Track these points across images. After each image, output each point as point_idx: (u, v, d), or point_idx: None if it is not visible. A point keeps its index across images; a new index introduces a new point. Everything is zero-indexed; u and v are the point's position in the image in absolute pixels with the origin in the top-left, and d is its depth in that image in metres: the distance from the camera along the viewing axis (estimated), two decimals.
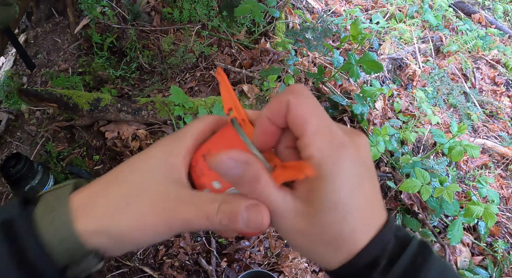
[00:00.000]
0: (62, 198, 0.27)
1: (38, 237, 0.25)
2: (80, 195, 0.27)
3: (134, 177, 0.27)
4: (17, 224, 0.25)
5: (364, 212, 0.26)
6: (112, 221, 0.26)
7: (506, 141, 2.04)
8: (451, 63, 2.37)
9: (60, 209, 0.26)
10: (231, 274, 1.20)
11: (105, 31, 1.74)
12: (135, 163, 0.28)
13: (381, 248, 0.27)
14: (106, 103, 1.36)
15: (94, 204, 0.27)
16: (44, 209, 0.26)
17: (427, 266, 0.26)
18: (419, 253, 0.27)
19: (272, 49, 1.78)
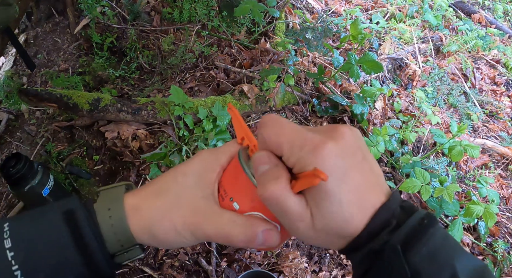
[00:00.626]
0: (118, 198, 0.33)
1: (96, 226, 0.31)
2: (133, 198, 0.33)
3: (176, 189, 0.33)
4: (78, 213, 0.30)
5: (357, 197, 0.29)
6: (154, 224, 0.32)
7: (506, 141, 2.04)
8: (451, 63, 2.37)
9: (118, 207, 0.32)
10: (231, 274, 1.20)
11: (105, 31, 1.74)
12: (178, 176, 0.34)
13: (387, 216, 0.29)
14: (106, 103, 1.36)
15: (143, 208, 0.33)
16: (102, 204, 0.32)
17: (432, 229, 0.28)
18: (426, 218, 0.29)
19: (272, 49, 1.78)
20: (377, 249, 0.28)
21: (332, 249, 0.32)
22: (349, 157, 0.29)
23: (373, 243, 0.29)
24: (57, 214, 0.30)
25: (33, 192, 1.07)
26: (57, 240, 0.29)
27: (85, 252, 0.29)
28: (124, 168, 1.38)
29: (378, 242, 0.28)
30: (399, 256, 0.27)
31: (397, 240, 0.28)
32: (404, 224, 0.28)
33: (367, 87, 1.70)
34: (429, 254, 0.27)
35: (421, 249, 0.27)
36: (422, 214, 0.29)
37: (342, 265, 1.31)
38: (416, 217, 0.29)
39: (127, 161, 1.38)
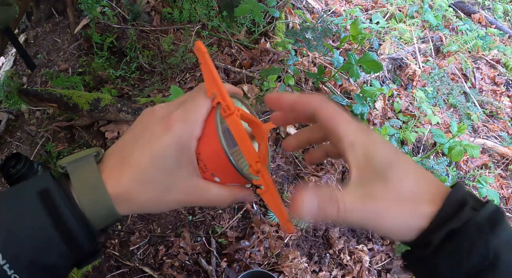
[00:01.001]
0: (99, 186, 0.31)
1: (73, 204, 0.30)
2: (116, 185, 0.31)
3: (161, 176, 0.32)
4: (53, 192, 0.29)
5: (422, 170, 0.30)
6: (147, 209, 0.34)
7: (506, 141, 2.04)
8: (451, 63, 2.37)
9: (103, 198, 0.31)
10: (231, 274, 1.20)
11: (105, 31, 1.74)
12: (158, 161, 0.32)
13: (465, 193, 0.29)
14: (106, 103, 1.36)
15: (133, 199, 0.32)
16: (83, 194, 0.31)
17: (506, 217, 0.28)
18: (499, 207, 0.28)
19: (272, 49, 1.78)
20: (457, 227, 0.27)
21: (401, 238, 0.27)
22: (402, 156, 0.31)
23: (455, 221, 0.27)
24: (32, 195, 0.29)
25: None
26: (35, 222, 0.29)
27: (64, 230, 0.29)
28: None
29: (460, 221, 0.27)
30: (484, 234, 0.27)
31: (481, 219, 0.27)
32: (485, 206, 0.28)
33: (367, 87, 1.70)
34: (508, 240, 0.27)
35: (501, 234, 0.27)
36: (494, 204, 0.29)
37: (342, 265, 1.31)
38: (492, 204, 0.28)
39: None
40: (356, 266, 1.31)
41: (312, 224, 1.39)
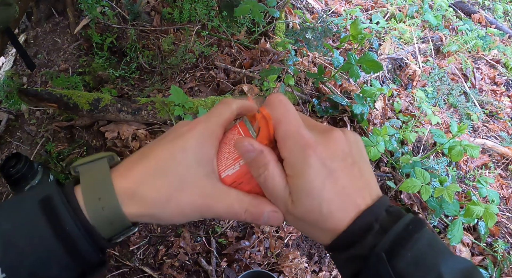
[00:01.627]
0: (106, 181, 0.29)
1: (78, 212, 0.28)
2: (124, 180, 0.30)
3: (177, 169, 0.30)
4: (55, 200, 0.28)
5: (340, 197, 0.30)
6: (157, 210, 0.30)
7: (506, 141, 2.04)
8: (451, 63, 2.37)
9: (109, 196, 0.29)
10: (231, 274, 1.20)
11: (105, 31, 1.74)
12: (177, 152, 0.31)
13: (372, 219, 0.30)
14: (106, 103, 1.36)
15: (140, 194, 0.30)
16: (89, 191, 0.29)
17: (418, 234, 0.29)
18: (411, 224, 0.30)
19: (272, 49, 1.78)
20: (363, 254, 0.29)
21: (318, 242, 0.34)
22: (338, 161, 0.31)
23: (359, 247, 0.29)
24: (34, 203, 0.28)
25: None
26: (35, 231, 0.27)
27: (66, 241, 0.27)
28: None
29: (364, 247, 0.29)
30: (384, 263, 0.28)
31: (382, 247, 0.28)
32: (390, 230, 0.29)
33: (367, 87, 1.70)
34: (414, 259, 0.28)
35: (406, 255, 0.28)
36: (408, 219, 0.30)
37: None
38: (401, 222, 0.29)
39: None
40: None
41: None
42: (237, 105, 0.35)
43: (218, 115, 0.34)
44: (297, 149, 0.30)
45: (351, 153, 0.32)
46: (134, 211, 0.30)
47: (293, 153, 0.30)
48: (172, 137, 0.32)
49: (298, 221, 0.32)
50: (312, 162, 0.29)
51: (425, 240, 0.29)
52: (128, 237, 1.25)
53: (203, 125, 0.32)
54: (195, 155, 0.31)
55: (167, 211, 0.30)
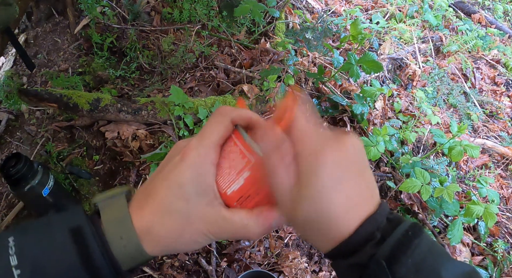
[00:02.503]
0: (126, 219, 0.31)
1: (104, 244, 0.30)
2: (140, 219, 0.31)
3: (180, 206, 0.31)
4: (85, 231, 0.29)
5: (347, 202, 0.30)
6: (172, 245, 0.32)
7: (506, 141, 2.04)
8: (451, 63, 2.37)
9: (130, 234, 0.31)
10: (231, 274, 1.20)
11: (105, 31, 1.74)
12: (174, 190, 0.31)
13: (374, 227, 0.30)
14: (106, 103, 1.36)
15: (156, 231, 0.31)
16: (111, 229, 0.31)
17: (417, 240, 0.29)
18: (410, 230, 0.30)
19: (272, 49, 1.78)
20: (363, 262, 0.29)
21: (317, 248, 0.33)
22: (347, 168, 0.31)
23: (359, 256, 0.29)
24: (64, 231, 0.29)
25: (33, 192, 1.07)
26: (65, 259, 0.28)
27: (93, 271, 0.29)
28: (124, 168, 1.38)
29: (364, 256, 0.29)
30: (385, 270, 0.28)
31: (382, 254, 0.28)
32: (389, 237, 0.29)
33: (367, 87, 1.70)
34: (415, 265, 0.28)
35: (407, 261, 0.28)
36: (407, 225, 0.30)
37: None
38: (400, 229, 0.29)
39: (127, 161, 1.38)
40: None
41: None
42: (230, 118, 0.33)
43: (210, 135, 0.32)
44: (314, 146, 0.30)
45: (359, 161, 0.32)
46: (152, 247, 0.31)
47: (310, 150, 0.30)
48: (167, 171, 0.32)
49: (302, 222, 0.31)
50: (328, 164, 0.29)
51: (425, 246, 0.29)
52: None
53: (195, 153, 0.31)
54: (193, 187, 0.31)
55: (181, 244, 0.32)
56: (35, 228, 0.30)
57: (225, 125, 0.33)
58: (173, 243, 0.32)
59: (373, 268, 0.28)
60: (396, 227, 0.30)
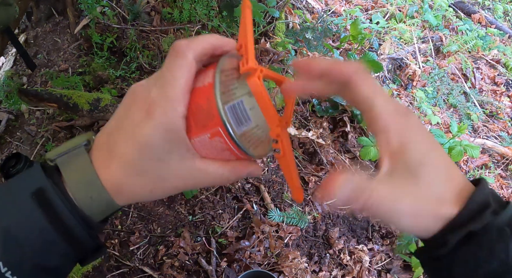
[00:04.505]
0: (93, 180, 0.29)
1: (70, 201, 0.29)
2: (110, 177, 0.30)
3: (150, 166, 0.29)
4: (49, 192, 0.28)
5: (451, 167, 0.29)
6: (145, 199, 0.32)
7: (506, 141, 2.04)
8: (451, 63, 2.37)
9: (99, 192, 0.29)
10: (231, 274, 1.20)
11: (105, 31, 1.74)
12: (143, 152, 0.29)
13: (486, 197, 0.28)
14: (106, 103, 1.36)
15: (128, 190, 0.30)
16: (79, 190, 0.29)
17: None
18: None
19: (272, 49, 1.78)
20: (477, 230, 0.27)
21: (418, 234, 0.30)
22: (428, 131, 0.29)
23: (475, 223, 0.27)
24: (27, 196, 0.28)
25: None
26: (33, 225, 0.27)
27: (64, 231, 0.28)
28: None
29: (480, 223, 0.27)
30: (504, 238, 0.26)
31: (501, 222, 0.26)
32: (506, 208, 0.27)
33: None
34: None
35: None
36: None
37: (342, 265, 1.31)
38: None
39: None
40: (356, 266, 1.31)
41: (323, 214, 1.39)
42: (192, 56, 0.29)
43: (173, 83, 0.28)
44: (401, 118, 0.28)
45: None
46: (123, 201, 0.31)
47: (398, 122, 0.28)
48: (131, 128, 0.29)
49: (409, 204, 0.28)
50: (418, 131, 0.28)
51: None
52: (128, 237, 1.25)
53: (161, 110, 0.28)
54: (163, 146, 0.28)
55: (154, 197, 0.31)
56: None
57: (187, 66, 0.28)
58: (145, 197, 0.31)
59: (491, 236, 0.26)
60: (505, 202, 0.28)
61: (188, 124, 0.29)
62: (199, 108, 0.29)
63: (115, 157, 0.29)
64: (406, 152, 0.28)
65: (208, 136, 0.29)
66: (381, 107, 0.28)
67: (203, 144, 0.30)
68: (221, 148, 0.30)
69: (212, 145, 0.30)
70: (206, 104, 0.29)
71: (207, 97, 0.28)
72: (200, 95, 0.29)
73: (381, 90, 0.29)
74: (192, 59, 0.29)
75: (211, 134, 0.29)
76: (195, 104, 0.29)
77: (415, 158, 0.28)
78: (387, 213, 0.28)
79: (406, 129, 0.28)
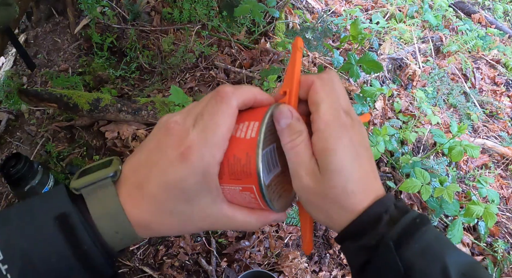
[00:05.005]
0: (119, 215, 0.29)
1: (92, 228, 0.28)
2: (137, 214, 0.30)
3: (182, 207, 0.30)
4: (72, 218, 0.27)
5: (363, 180, 0.31)
6: (164, 234, 0.32)
7: (506, 141, 2.04)
8: (451, 63, 2.37)
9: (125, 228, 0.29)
10: (231, 274, 1.20)
11: (105, 31, 1.74)
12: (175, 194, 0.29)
13: (382, 209, 0.31)
14: (106, 103, 1.36)
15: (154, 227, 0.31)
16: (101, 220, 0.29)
17: (425, 227, 0.30)
18: (418, 218, 0.31)
19: (272, 49, 1.78)
20: (371, 245, 0.30)
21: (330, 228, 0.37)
22: (365, 149, 0.32)
23: (368, 237, 0.30)
24: (49, 220, 0.27)
25: (33, 192, 1.07)
26: (53, 249, 0.27)
27: (85, 259, 0.27)
28: None
29: (373, 238, 0.30)
30: (392, 252, 0.29)
31: (390, 237, 0.29)
32: (398, 222, 0.30)
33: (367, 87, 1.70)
34: (421, 250, 0.29)
35: (414, 246, 0.29)
36: (415, 214, 0.31)
37: (342, 265, 1.31)
38: (409, 216, 0.31)
39: None
40: None
41: None
42: (236, 104, 0.30)
43: (215, 129, 0.28)
44: (335, 125, 0.31)
45: (369, 145, 0.34)
46: (148, 235, 0.31)
47: (331, 128, 0.30)
48: (163, 163, 0.29)
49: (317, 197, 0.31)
50: (346, 142, 0.30)
51: (431, 233, 0.30)
52: None
53: (198, 154, 0.27)
54: (196, 190, 0.28)
55: (179, 234, 0.34)
56: (18, 216, 0.28)
57: (231, 115, 0.29)
58: (171, 234, 0.32)
59: (382, 250, 0.29)
60: (404, 214, 0.31)
61: (221, 170, 0.29)
62: (236, 160, 0.29)
63: (145, 195, 0.29)
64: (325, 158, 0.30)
65: (239, 188, 0.30)
66: (325, 111, 0.31)
67: (232, 192, 0.30)
68: (249, 200, 0.31)
69: (241, 195, 0.30)
70: (245, 159, 0.29)
71: (247, 152, 0.29)
72: (239, 146, 0.29)
73: (337, 98, 0.32)
74: (236, 107, 0.29)
75: (243, 188, 0.29)
76: (233, 154, 0.29)
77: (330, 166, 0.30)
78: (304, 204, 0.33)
79: (333, 137, 0.30)
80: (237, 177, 0.29)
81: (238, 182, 0.29)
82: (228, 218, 0.31)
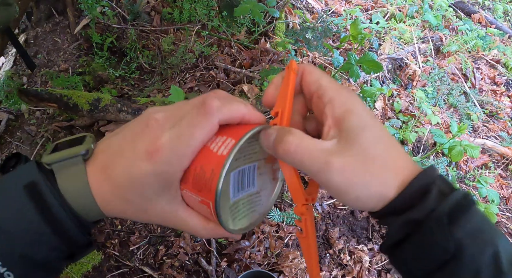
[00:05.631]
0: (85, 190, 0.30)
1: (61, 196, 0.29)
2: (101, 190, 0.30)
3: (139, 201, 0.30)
4: (40, 185, 0.28)
5: (401, 151, 0.30)
6: (124, 216, 0.32)
7: (506, 141, 2.04)
8: (451, 63, 2.37)
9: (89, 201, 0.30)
10: (231, 274, 1.20)
11: (105, 31, 1.74)
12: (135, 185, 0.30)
13: (430, 180, 0.28)
14: (106, 103, 1.36)
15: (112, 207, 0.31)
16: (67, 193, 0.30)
17: (475, 207, 0.28)
18: (468, 196, 0.28)
19: (272, 49, 1.78)
20: (419, 218, 0.27)
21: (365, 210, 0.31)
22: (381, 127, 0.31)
23: (417, 210, 0.27)
24: (19, 188, 0.28)
25: None
26: (23, 216, 0.28)
27: (54, 224, 0.28)
28: None
29: (423, 211, 0.27)
30: (444, 228, 0.26)
31: (442, 211, 0.27)
32: (450, 196, 0.27)
33: (367, 87, 1.70)
34: (473, 231, 0.27)
35: (466, 225, 0.27)
36: (464, 191, 0.28)
37: (342, 265, 1.31)
38: (459, 192, 0.28)
39: None
40: (356, 266, 1.31)
41: None
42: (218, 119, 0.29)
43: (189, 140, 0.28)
44: (345, 90, 0.31)
45: None
46: (111, 215, 0.32)
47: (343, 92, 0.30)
48: (132, 153, 0.29)
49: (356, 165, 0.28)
50: (361, 103, 0.30)
51: (481, 215, 0.28)
52: (128, 237, 1.25)
53: (166, 159, 0.28)
54: (154, 189, 0.29)
55: (138, 220, 0.33)
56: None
57: (209, 131, 0.29)
58: (128, 218, 0.32)
59: (431, 225, 0.27)
60: (452, 189, 0.28)
61: (186, 176, 0.30)
62: (202, 172, 0.29)
63: (107, 178, 0.30)
64: (349, 118, 0.29)
65: (199, 199, 0.30)
66: (328, 84, 0.31)
67: (192, 199, 0.31)
68: (206, 212, 0.30)
69: (199, 205, 0.30)
70: (209, 174, 0.28)
71: (213, 169, 0.28)
72: (208, 160, 0.29)
73: (327, 76, 0.32)
74: (216, 124, 0.29)
75: (201, 200, 0.30)
76: (200, 165, 0.29)
77: (358, 124, 0.29)
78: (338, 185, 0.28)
79: (349, 100, 0.30)
80: (198, 188, 0.29)
81: (199, 193, 0.29)
82: (180, 220, 0.32)
